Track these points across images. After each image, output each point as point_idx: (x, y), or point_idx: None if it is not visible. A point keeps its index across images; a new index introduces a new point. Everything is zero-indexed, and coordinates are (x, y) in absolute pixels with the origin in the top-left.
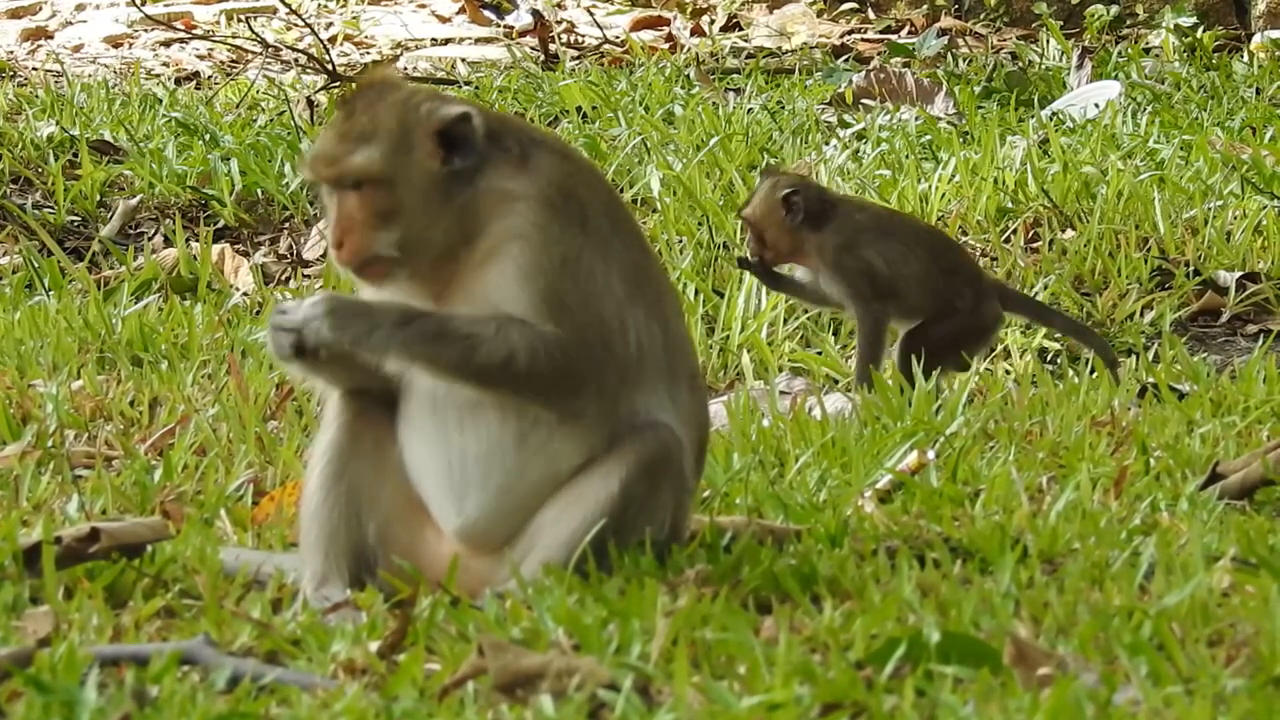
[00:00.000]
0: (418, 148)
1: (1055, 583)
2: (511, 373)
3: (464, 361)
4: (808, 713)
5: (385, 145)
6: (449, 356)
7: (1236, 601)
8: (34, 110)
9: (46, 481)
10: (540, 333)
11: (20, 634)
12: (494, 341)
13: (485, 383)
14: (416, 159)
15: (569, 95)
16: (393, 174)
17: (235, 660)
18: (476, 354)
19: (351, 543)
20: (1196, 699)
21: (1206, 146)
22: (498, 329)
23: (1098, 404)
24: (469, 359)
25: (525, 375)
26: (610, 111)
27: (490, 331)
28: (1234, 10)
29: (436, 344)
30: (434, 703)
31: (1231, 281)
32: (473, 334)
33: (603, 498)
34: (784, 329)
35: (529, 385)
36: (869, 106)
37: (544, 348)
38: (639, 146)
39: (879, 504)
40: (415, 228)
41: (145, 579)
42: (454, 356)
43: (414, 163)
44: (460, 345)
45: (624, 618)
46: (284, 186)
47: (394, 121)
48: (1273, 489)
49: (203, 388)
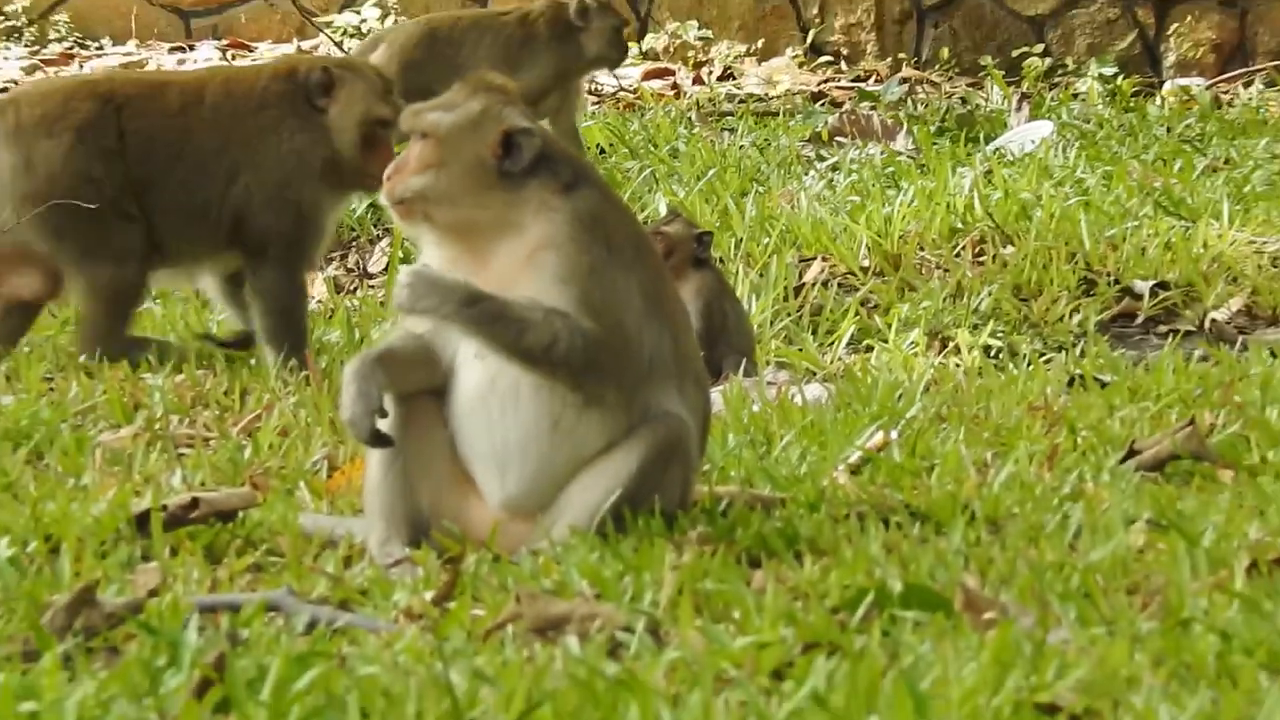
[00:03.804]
0: (484, 135)
1: (998, 542)
2: (552, 355)
3: (516, 340)
4: (791, 651)
5: (460, 118)
6: (504, 335)
7: (1150, 557)
8: None
9: (154, 459)
10: (578, 325)
11: (133, 586)
12: (541, 327)
13: (528, 361)
14: (478, 142)
15: (591, 135)
16: (452, 140)
17: (313, 607)
18: (526, 336)
19: (408, 510)
20: (1117, 639)
21: (1125, 176)
22: (544, 317)
23: (1033, 392)
24: (520, 339)
25: (562, 358)
26: (625, 148)
27: (539, 318)
28: (1148, 62)
29: (495, 323)
30: (479, 643)
31: (1146, 289)
32: (524, 319)
33: (621, 473)
34: (770, 329)
35: (564, 367)
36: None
37: (580, 338)
38: (648, 177)
39: (850, 476)
40: (451, 192)
41: (237, 540)
42: (508, 335)
43: (474, 142)
44: (514, 326)
45: (637, 571)
46: (351, 212)
47: (479, 107)
48: (1180, 462)
49: (284, 379)
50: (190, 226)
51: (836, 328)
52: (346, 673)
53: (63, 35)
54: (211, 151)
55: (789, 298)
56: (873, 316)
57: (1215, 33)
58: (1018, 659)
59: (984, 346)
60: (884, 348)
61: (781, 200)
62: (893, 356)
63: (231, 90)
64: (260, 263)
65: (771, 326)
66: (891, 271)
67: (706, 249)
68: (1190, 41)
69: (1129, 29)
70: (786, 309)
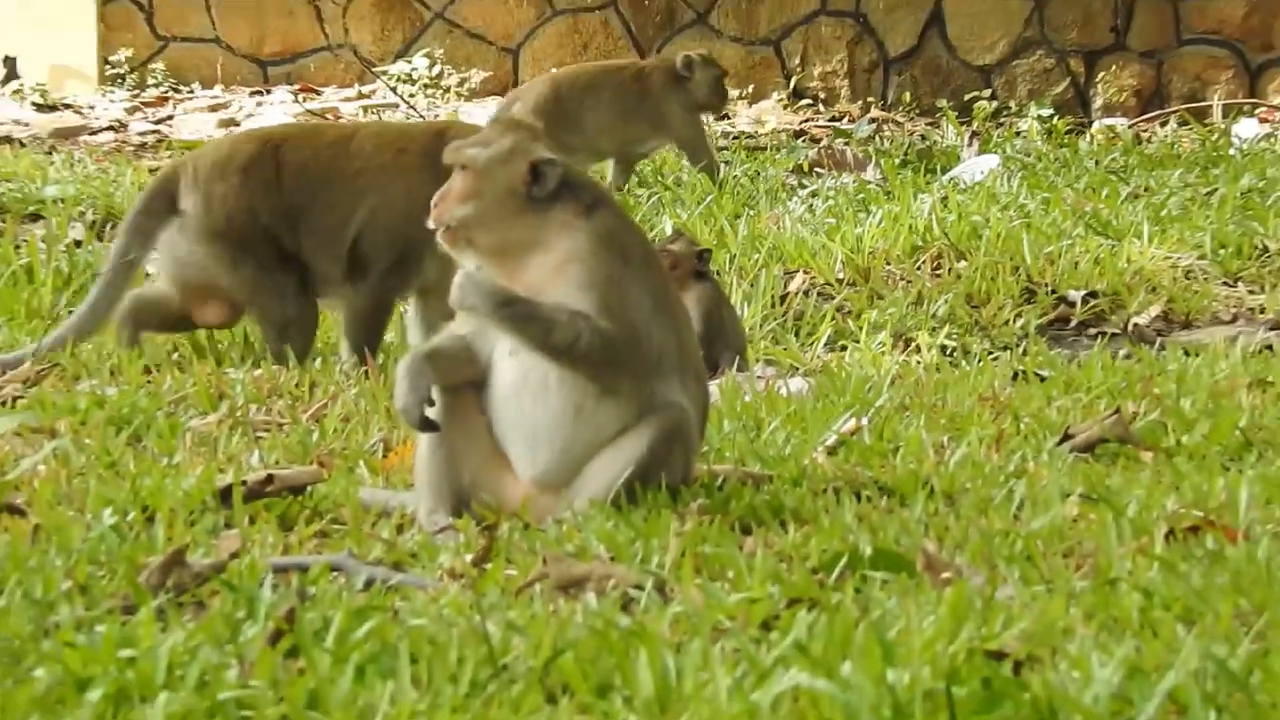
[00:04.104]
0: (514, 167)
1: (953, 512)
2: (575, 350)
3: (544, 337)
4: (777, 605)
5: (494, 153)
6: (534, 332)
7: (1082, 526)
8: None
9: (236, 441)
10: (597, 325)
11: (217, 550)
12: (566, 326)
13: (555, 355)
14: (510, 173)
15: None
16: (486, 172)
17: (369, 568)
18: (553, 334)
19: (452, 485)
20: (1054, 595)
21: (1060, 202)
22: (569, 318)
23: (983, 385)
24: (548, 336)
25: (584, 354)
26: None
27: (564, 319)
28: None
29: (527, 322)
30: (512, 598)
31: (1078, 298)
32: (552, 319)
33: (633, 454)
34: (760, 331)
35: (585, 361)
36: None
37: (599, 336)
38: (656, 202)
39: (828, 456)
40: (488, 216)
41: (306, 510)
42: (538, 333)
43: (506, 173)
44: (543, 325)
45: (646, 538)
46: None
47: (509, 143)
48: (1108, 445)
49: (347, 374)
50: (326, 246)
51: (816, 330)
52: (398, 624)
53: (159, 81)
54: (350, 175)
55: (775, 305)
56: (847, 321)
57: (1136, 80)
58: (970, 613)
59: (941, 346)
60: (856, 347)
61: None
62: (863, 355)
63: (381, 134)
64: (361, 280)
65: (761, 329)
66: (863, 282)
67: (706, 264)
68: (1115, 87)
69: (1063, 77)
70: (774, 314)
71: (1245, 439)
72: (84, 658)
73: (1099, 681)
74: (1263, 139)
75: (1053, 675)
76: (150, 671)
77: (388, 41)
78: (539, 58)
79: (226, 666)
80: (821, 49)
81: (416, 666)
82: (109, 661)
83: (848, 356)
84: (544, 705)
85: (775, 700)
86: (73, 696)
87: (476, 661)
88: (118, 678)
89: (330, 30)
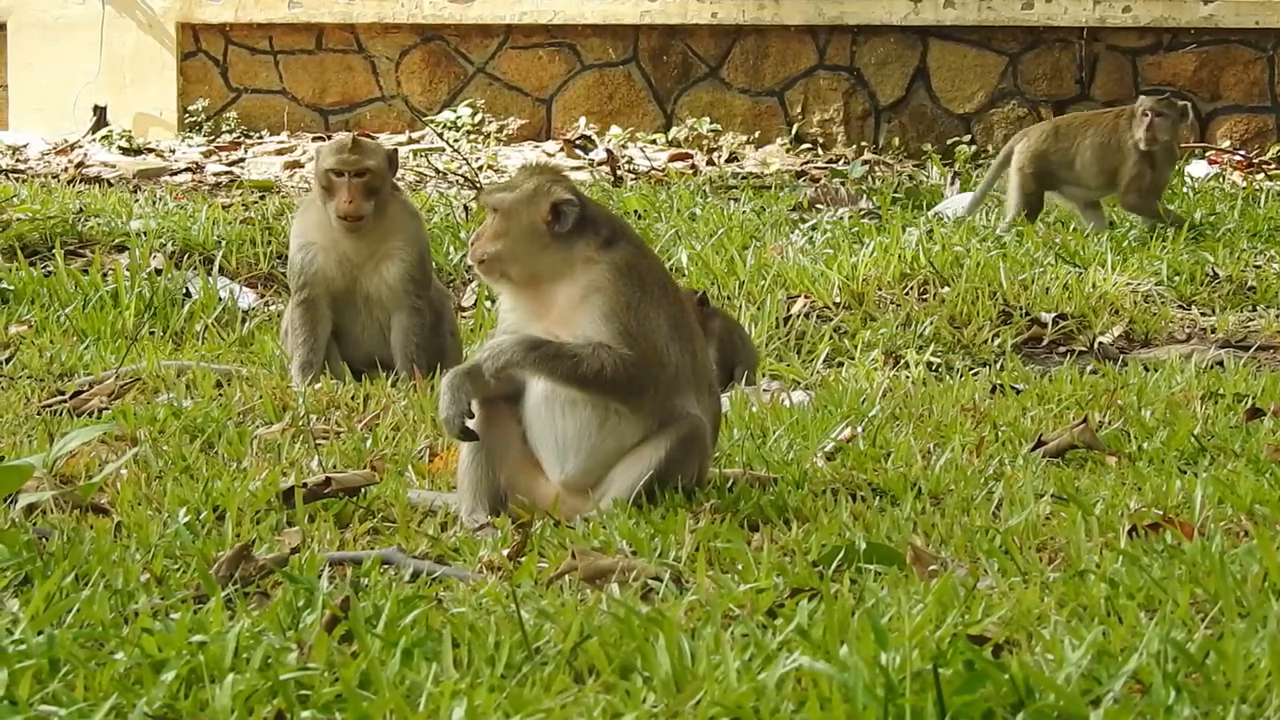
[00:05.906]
0: (538, 207)
1: (939, 511)
2: (600, 380)
3: (571, 372)
4: (781, 595)
5: (519, 195)
6: (562, 369)
7: (1054, 523)
8: (291, 213)
9: (298, 448)
10: (619, 354)
11: (279, 545)
12: (590, 360)
13: (583, 386)
14: (534, 212)
15: (629, 202)
16: (513, 212)
17: (416, 561)
18: (580, 368)
19: (490, 487)
20: (1029, 586)
21: (1033, 234)
22: (593, 351)
23: (965, 397)
24: (575, 371)
25: (609, 382)
26: (655, 212)
27: (588, 353)
28: None
29: (554, 361)
30: (544, 588)
31: (1049, 319)
32: (577, 355)
33: (653, 460)
34: (765, 350)
35: (610, 388)
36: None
37: (621, 365)
38: (673, 235)
39: (826, 461)
40: (515, 251)
41: (360, 509)
42: (565, 369)
43: (531, 213)
44: (569, 362)
45: (664, 534)
46: (449, 259)
47: (533, 186)
48: (1077, 451)
49: (397, 388)
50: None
51: (815, 348)
52: (442, 612)
53: (232, 128)
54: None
55: (780, 326)
56: (843, 340)
57: None
58: (954, 601)
59: (927, 363)
60: (851, 364)
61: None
62: (858, 370)
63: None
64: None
65: (766, 348)
66: (857, 306)
67: (706, 303)
68: None
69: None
70: (778, 334)
71: (1199, 445)
72: (160, 642)
73: (1070, 663)
74: (1212, 178)
75: (1029, 657)
76: (219, 655)
77: (435, 92)
78: (569, 107)
79: (288, 650)
80: (820, 99)
81: (458, 650)
82: (182, 645)
83: (844, 372)
84: (572, 685)
85: (780, 680)
86: (149, 677)
87: (512, 645)
88: (190, 660)
89: (384, 83)
